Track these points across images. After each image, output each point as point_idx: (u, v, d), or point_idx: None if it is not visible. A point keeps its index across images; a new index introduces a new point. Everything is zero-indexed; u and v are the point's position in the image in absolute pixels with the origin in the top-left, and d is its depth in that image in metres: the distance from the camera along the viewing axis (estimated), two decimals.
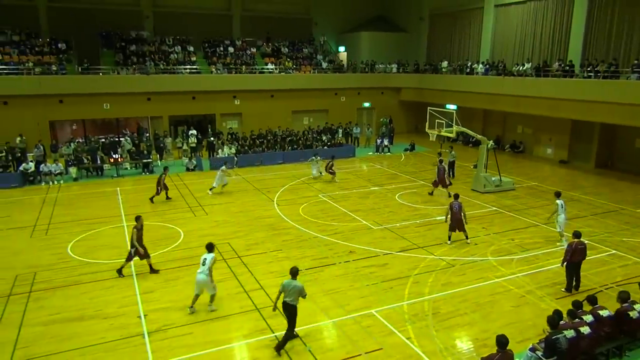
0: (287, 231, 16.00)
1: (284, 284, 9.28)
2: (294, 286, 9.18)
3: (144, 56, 30.97)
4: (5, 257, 13.81)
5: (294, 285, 9.19)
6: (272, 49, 35.99)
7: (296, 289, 9.17)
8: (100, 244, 14.90)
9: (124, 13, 33.22)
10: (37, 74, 27.15)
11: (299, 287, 9.20)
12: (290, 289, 9.17)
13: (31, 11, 30.95)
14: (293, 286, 9.18)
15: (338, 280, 12.33)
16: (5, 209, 18.62)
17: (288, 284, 9.25)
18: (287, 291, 9.20)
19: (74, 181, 22.96)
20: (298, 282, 9.27)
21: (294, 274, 9.34)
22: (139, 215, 12.76)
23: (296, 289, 9.17)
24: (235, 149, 26.81)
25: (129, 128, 30.88)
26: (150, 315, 10.54)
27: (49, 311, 10.76)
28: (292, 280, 9.26)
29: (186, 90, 30.21)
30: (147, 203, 19.27)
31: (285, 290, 9.23)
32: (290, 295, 9.17)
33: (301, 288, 9.22)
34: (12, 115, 26.32)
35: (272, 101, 32.84)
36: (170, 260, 13.63)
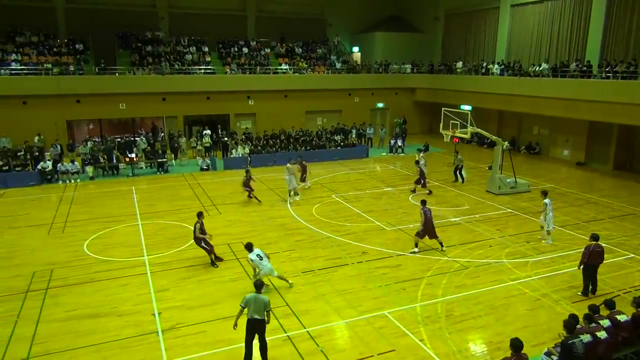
0: (300, 231, 16.02)
1: (249, 299, 8.53)
2: (260, 300, 8.57)
3: (160, 57, 31.27)
4: (23, 254, 14.05)
5: (261, 299, 8.60)
6: (286, 49, 36.08)
7: (263, 302, 8.58)
8: (115, 242, 15.08)
9: (140, 14, 33.59)
10: (55, 74, 27.59)
11: (265, 300, 8.63)
12: (256, 304, 8.54)
13: (49, 12, 31.46)
14: (260, 300, 8.57)
15: (351, 280, 12.30)
16: (24, 206, 18.94)
17: (254, 298, 8.56)
18: (253, 306, 8.53)
19: (90, 180, 23.28)
20: (264, 296, 8.71)
21: (259, 287, 8.78)
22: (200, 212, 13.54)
23: (263, 302, 8.58)
24: (249, 149, 26.92)
25: (144, 128, 31.22)
26: (164, 314, 10.64)
27: (65, 308, 10.92)
28: (257, 294, 8.65)
29: (201, 90, 30.44)
30: (161, 202, 19.45)
31: (250, 305, 8.53)
32: (256, 310, 8.55)
33: (267, 302, 8.65)
34: (30, 114, 26.78)
35: (286, 101, 32.92)
36: (184, 259, 13.73)
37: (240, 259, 13.64)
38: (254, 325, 8.65)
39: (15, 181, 21.90)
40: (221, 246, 14.57)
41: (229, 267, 13.20)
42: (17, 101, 26.56)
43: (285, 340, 9.64)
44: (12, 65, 27.45)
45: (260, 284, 8.91)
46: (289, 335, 9.77)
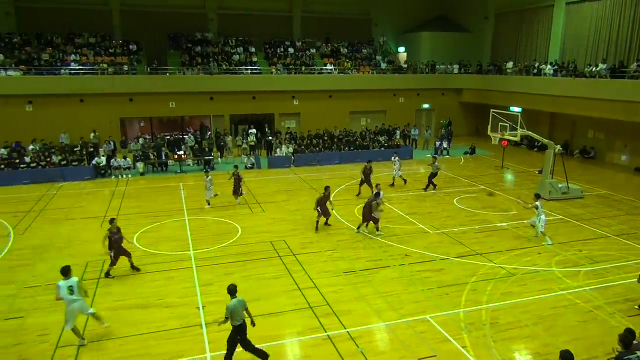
0: (342, 232, 16.01)
1: (232, 308, 8.37)
2: (240, 304, 8.51)
3: (208, 57, 32.08)
4: (78, 245, 14.77)
5: (239, 301, 8.51)
6: (331, 49, 36.16)
7: (242, 306, 8.55)
8: (163, 236, 15.59)
9: (191, 16, 34.56)
10: (110, 74, 28.84)
11: (242, 302, 8.57)
12: (237, 310, 8.46)
13: (106, 15, 32.91)
14: (241, 304, 8.52)
15: (392, 283, 12.18)
16: (79, 200, 19.90)
17: (235, 305, 8.43)
18: (237, 313, 8.44)
19: (140, 176, 24.18)
20: (239, 298, 8.59)
21: (232, 291, 8.55)
22: (113, 218, 12.78)
23: (242, 306, 8.55)
24: (293, 149, 27.17)
25: (192, 126, 32.10)
26: (208, 307, 10.90)
27: (116, 297, 11.40)
28: (235, 298, 8.51)
29: (247, 90, 30.98)
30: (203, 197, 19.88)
31: (235, 312, 8.41)
32: (239, 316, 8.48)
33: (244, 302, 8.61)
34: (87, 112, 28.12)
35: (331, 102, 33.00)
36: (228, 255, 14.02)
37: (283, 257, 13.78)
38: (242, 330, 8.58)
39: (72, 175, 23.04)
40: (264, 244, 14.80)
41: (272, 264, 13.36)
42: (76, 99, 27.95)
43: (325, 339, 9.67)
44: (72, 66, 28.92)
45: (233, 289, 8.57)
46: (329, 335, 9.79)
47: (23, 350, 9.28)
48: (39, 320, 10.35)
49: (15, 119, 26.84)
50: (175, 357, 9.06)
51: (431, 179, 21.13)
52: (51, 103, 27.48)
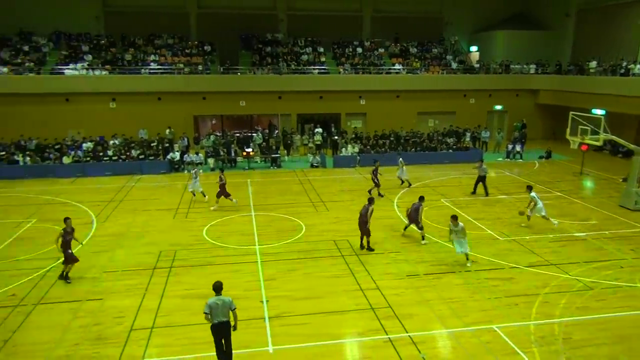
0: (406, 233, 15.74)
1: (211, 304, 8.21)
2: (222, 302, 8.31)
3: (278, 57, 32.76)
4: (153, 235, 15.62)
5: (223, 301, 8.32)
6: (400, 49, 35.68)
7: (226, 305, 8.33)
8: (231, 230, 16.11)
9: (262, 17, 35.46)
10: (185, 73, 30.28)
11: (227, 302, 8.35)
12: (220, 308, 8.28)
13: (183, 17, 34.55)
14: (222, 302, 8.31)
15: (457, 289, 11.81)
16: (155, 192, 21.04)
17: (216, 302, 8.25)
18: (217, 311, 8.27)
19: (211, 171, 25.15)
20: (225, 297, 8.39)
21: (217, 289, 8.41)
22: (67, 217, 12.55)
23: (226, 305, 8.33)
24: (359, 148, 27.10)
25: (260, 124, 32.93)
26: (271, 302, 11.13)
27: (185, 286, 11.93)
28: (219, 296, 8.36)
29: (314, 89, 31.31)
30: (273, 195, 20.34)
31: (214, 310, 8.24)
32: (221, 314, 8.30)
33: (230, 302, 8.38)
34: (163, 109, 29.70)
35: (398, 102, 32.58)
36: (292, 251, 14.23)
37: (345, 256, 13.78)
38: (220, 329, 8.41)
39: (149, 169, 24.42)
40: (327, 242, 14.88)
41: (334, 263, 13.40)
42: (154, 97, 29.61)
43: (386, 342, 9.55)
44: (151, 65, 30.66)
45: (219, 285, 8.45)
46: (390, 338, 9.67)
47: (101, 330, 9.95)
48: (115, 303, 11.06)
49: (100, 115, 28.91)
50: (239, 348, 9.31)
51: (478, 182, 20.36)
52: (132, 100, 29.32)
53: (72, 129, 28.69)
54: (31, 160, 24.00)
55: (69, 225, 12.28)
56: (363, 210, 14.08)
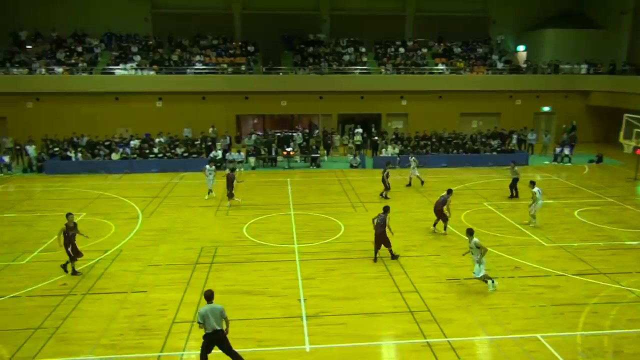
0: (446, 237, 15.46)
1: (203, 313, 8.13)
2: (216, 310, 8.23)
3: (319, 57, 32.87)
4: (195, 231, 16.01)
5: (216, 308, 8.24)
6: (444, 49, 35.05)
7: (219, 311, 8.23)
8: (270, 228, 16.29)
9: (305, 17, 35.66)
10: (229, 73, 30.88)
11: (221, 309, 8.26)
12: (213, 315, 8.18)
13: (228, 18, 35.20)
14: (216, 310, 8.23)
15: (500, 295, 11.48)
16: (198, 189, 21.52)
17: (209, 311, 8.15)
18: (210, 320, 8.15)
19: (252, 169, 25.53)
20: (217, 305, 8.30)
21: (209, 297, 8.34)
22: (69, 213, 12.74)
23: (219, 311, 8.23)
24: (399, 149, 26.82)
25: (301, 124, 33.16)
26: (309, 300, 11.18)
27: (225, 282, 12.16)
28: (211, 305, 8.27)
29: (355, 90, 31.23)
30: (312, 195, 20.43)
31: (207, 319, 8.13)
32: (214, 322, 8.20)
33: (222, 309, 8.26)
34: (207, 109, 30.39)
35: (440, 102, 32.02)
36: (331, 251, 14.25)
37: (384, 257, 13.66)
38: (213, 338, 8.29)
39: (192, 166, 24.98)
40: (365, 243, 14.78)
41: (373, 264, 13.31)
42: (198, 97, 30.36)
43: (424, 346, 9.41)
44: (196, 66, 31.44)
45: (210, 294, 8.39)
46: (428, 342, 9.51)
47: (145, 321, 10.29)
48: (159, 295, 11.41)
49: (147, 113, 29.91)
50: (277, 345, 9.43)
51: (514, 185, 19.84)
52: (177, 100, 30.17)
53: (121, 126, 29.82)
54: (83, 156, 25.12)
55: (70, 220, 12.48)
56: (380, 221, 13.29)
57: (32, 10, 32.74)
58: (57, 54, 31.49)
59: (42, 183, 22.62)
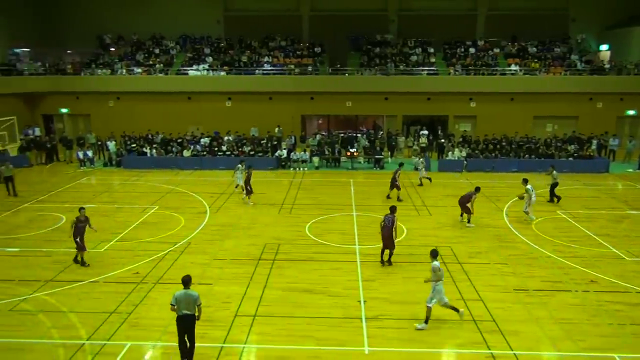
0: (515, 245, 14.77)
1: (177, 297, 8.56)
2: (190, 296, 8.59)
3: (386, 58, 32.58)
4: (258, 227, 16.40)
5: (191, 294, 8.60)
6: (517, 49, 33.53)
7: (192, 298, 8.59)
8: (332, 228, 16.35)
9: (372, 18, 35.49)
10: (296, 74, 31.38)
11: (195, 295, 8.62)
12: (185, 301, 8.56)
13: (296, 20, 35.81)
14: (190, 296, 8.59)
15: (572, 310, 10.79)
16: (262, 187, 22.03)
17: (184, 295, 8.56)
18: (182, 304, 8.56)
19: (315, 169, 25.76)
20: (193, 292, 8.64)
21: (186, 283, 8.67)
22: (81, 207, 13.49)
23: (192, 298, 8.59)
24: (466, 153, 25.98)
25: (365, 125, 33.04)
26: (369, 302, 11.10)
27: (287, 279, 12.35)
28: (186, 290, 8.61)
29: (422, 91, 30.65)
30: (375, 196, 20.29)
31: (180, 303, 8.56)
32: (185, 307, 8.57)
33: (197, 297, 8.63)
34: (274, 108, 31.09)
35: (512, 105, 30.65)
36: (393, 254, 14.04)
37: (447, 263, 13.29)
38: (184, 321, 8.62)
39: (258, 164, 25.49)
40: (428, 247, 14.37)
41: None
42: (265, 97, 31.14)
43: (488, 357, 9.05)
44: (265, 67, 32.23)
45: (187, 280, 8.69)
46: (492, 353, 9.14)
47: (209, 312, 10.65)
48: (223, 288, 11.80)
49: (216, 113, 31.13)
50: (335, 345, 9.44)
51: (553, 189, 19.28)
52: (246, 99, 31.13)
53: (192, 125, 31.22)
54: (157, 152, 26.52)
55: (82, 214, 13.15)
56: (388, 222, 12.90)
57: (116, 15, 35.10)
58: (136, 56, 33.55)
59: (119, 177, 24.14)
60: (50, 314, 10.60)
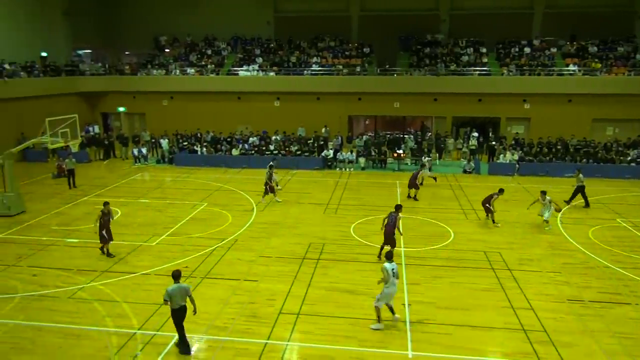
0: (570, 253, 14.11)
1: (170, 292, 8.90)
2: (183, 289, 9.04)
3: (436, 58, 31.98)
4: (304, 227, 16.51)
5: (183, 287, 9.06)
6: (576, 48, 32.00)
7: (183, 291, 9.04)
8: (376, 229, 16.02)
9: (423, 17, 34.89)
10: (344, 74, 31.36)
11: (187, 287, 9.13)
12: (178, 294, 8.97)
13: (346, 20, 35.77)
14: (182, 289, 9.02)
15: (632, 324, 10.19)
16: (308, 186, 22.21)
17: (176, 290, 8.94)
18: (176, 297, 8.93)
19: (361, 170, 25.65)
20: (183, 284, 9.14)
21: (176, 277, 9.07)
22: (106, 202, 14.06)
23: (183, 291, 9.04)
24: (518, 156, 25.07)
25: (413, 126, 32.55)
26: (413, 306, 10.92)
27: (330, 279, 12.36)
28: (178, 284, 9.03)
29: (473, 92, 29.83)
30: (421, 199, 19.92)
31: (175, 296, 8.91)
32: (181, 299, 9.01)
33: (188, 289, 9.13)
34: (321, 109, 31.20)
35: (569, 106, 29.26)
36: (438, 258, 13.79)
37: (496, 269, 12.89)
38: (182, 312, 9.09)
39: (304, 164, 25.89)
40: (476, 252, 14.09)
41: (483, 275, 12.62)
42: (313, 97, 31.30)
43: None
44: (313, 67, 32.42)
45: (177, 274, 9.11)
46: None
47: (255, 308, 10.85)
48: (268, 286, 11.95)
49: (265, 112, 31.60)
50: (378, 347, 9.35)
51: (577, 193, 18.89)
52: (293, 99, 31.42)
53: (241, 124, 31.87)
54: (207, 150, 27.25)
55: (106, 208, 13.75)
56: (391, 220, 13.24)
57: (171, 18, 36.37)
58: (190, 57, 34.62)
59: (171, 173, 24.99)
60: (104, 302, 11.12)
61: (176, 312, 9.05)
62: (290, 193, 20.96)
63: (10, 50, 29.04)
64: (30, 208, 18.35)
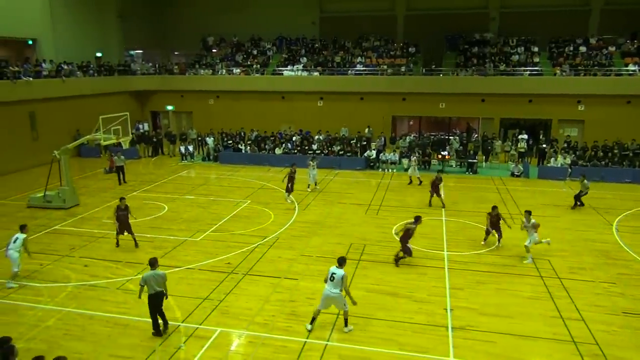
0: (626, 263, 13.35)
1: (146, 278, 9.38)
2: (159, 275, 9.48)
3: (484, 58, 31.11)
4: (345, 227, 16.44)
5: (159, 274, 9.49)
6: (637, 47, 30.29)
7: (160, 277, 9.49)
8: (419, 232, 15.64)
9: (471, 16, 34.04)
10: (388, 74, 31.03)
11: (162, 275, 9.55)
12: (154, 280, 9.39)
13: (391, 20, 35.41)
14: (159, 275, 9.47)
15: None
16: (350, 186, 22.11)
17: (152, 275, 9.40)
18: (153, 282, 9.38)
19: (404, 171, 25.26)
20: (159, 271, 9.55)
21: (152, 264, 9.51)
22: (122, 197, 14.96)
23: (160, 277, 9.49)
24: (570, 160, 23.99)
25: (458, 127, 31.80)
26: (456, 311, 10.64)
27: (371, 280, 12.24)
28: (154, 271, 9.46)
29: (523, 92, 28.78)
30: (466, 202, 19.47)
31: (149, 282, 9.36)
32: (156, 285, 9.41)
33: (164, 275, 9.59)
34: (365, 109, 31.01)
35: (628, 108, 27.72)
36: (483, 263, 13.40)
37: (544, 277, 12.38)
38: (156, 298, 9.51)
39: (346, 164, 25.79)
40: (524, 259, 13.56)
41: (530, 282, 12.15)
42: (356, 97, 31.17)
43: None
44: (357, 67, 32.28)
45: (154, 261, 9.54)
46: None
47: (295, 306, 10.89)
48: (308, 284, 11.97)
49: (308, 112, 31.75)
50: (419, 352, 9.17)
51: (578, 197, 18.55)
52: (337, 99, 31.40)
53: (285, 123, 32.15)
54: (251, 149, 27.67)
55: (123, 203, 14.46)
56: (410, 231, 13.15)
57: (218, 19, 37.23)
58: (236, 57, 35.26)
59: (216, 171, 25.52)
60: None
61: (151, 297, 9.54)
62: (332, 193, 20.95)
63: (68, 51, 30.53)
64: (83, 201, 19.23)
